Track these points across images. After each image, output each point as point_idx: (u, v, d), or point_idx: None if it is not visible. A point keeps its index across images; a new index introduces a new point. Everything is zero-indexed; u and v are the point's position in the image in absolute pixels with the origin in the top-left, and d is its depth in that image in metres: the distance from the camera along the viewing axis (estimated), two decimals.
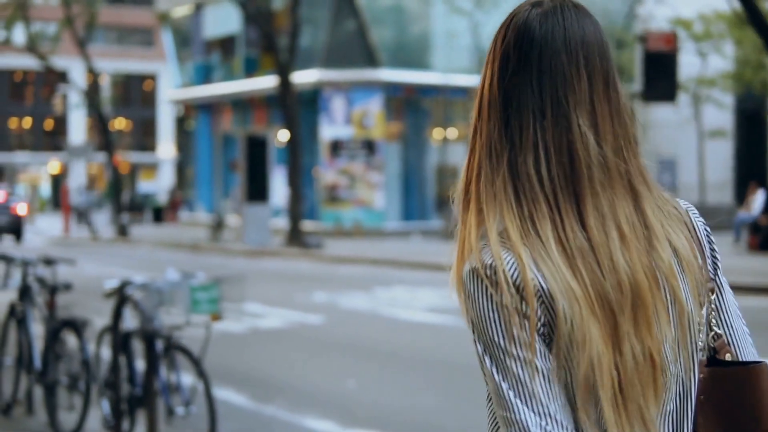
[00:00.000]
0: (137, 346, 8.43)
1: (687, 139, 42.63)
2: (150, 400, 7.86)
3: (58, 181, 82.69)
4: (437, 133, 43.85)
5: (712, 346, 2.09)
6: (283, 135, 40.80)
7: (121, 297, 8.14)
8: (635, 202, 1.98)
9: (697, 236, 2.08)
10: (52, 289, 9.19)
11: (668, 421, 2.00)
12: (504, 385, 1.90)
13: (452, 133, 43.61)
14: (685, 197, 2.86)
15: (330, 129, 41.10)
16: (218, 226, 38.93)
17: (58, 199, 73.67)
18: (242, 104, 46.96)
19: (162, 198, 66.56)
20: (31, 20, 44.62)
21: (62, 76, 49.06)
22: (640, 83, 24.78)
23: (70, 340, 9.20)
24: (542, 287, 1.89)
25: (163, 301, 7.89)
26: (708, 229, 2.14)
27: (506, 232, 1.94)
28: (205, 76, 50.20)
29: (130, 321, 8.52)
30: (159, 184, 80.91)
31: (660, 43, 25.05)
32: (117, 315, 8.25)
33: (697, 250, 2.05)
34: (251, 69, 46.19)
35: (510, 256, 1.91)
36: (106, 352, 9.12)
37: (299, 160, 34.32)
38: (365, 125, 40.82)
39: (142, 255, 33.99)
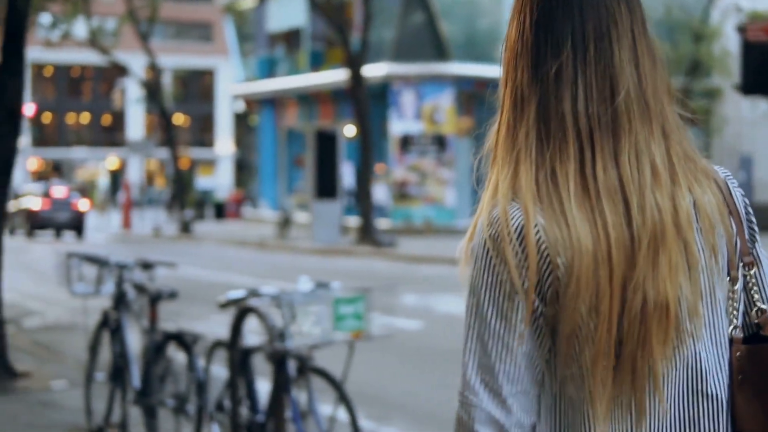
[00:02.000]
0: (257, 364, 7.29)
1: (764, 135, 41.23)
2: (279, 430, 6.67)
3: (116, 177, 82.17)
4: None
5: (755, 321, 2.03)
6: (350, 130, 39.81)
7: (242, 309, 6.98)
8: (666, 146, 1.95)
9: (735, 205, 2.03)
10: (155, 297, 8.03)
11: (684, 380, 1.94)
12: (469, 351, 1.92)
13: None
14: (761, 196, 2.50)
15: (399, 124, 39.98)
16: (285, 223, 37.93)
17: (116, 194, 72.93)
18: (308, 99, 45.89)
19: (221, 194, 65.76)
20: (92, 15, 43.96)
21: (122, 71, 48.27)
22: (740, 76, 23.37)
23: (174, 354, 8.05)
24: (547, 241, 1.88)
25: (295, 315, 6.71)
26: (747, 200, 2.07)
27: (519, 184, 1.92)
28: (269, 70, 49.27)
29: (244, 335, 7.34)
30: (217, 181, 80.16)
31: (760, 34, 23.65)
32: (236, 329, 7.09)
33: (732, 217, 2.01)
34: (317, 63, 45.20)
35: (518, 210, 1.90)
36: (215, 370, 7.95)
37: (370, 155, 33.26)
38: (436, 120, 39.66)
39: (209, 253, 33.14)
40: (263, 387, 7.44)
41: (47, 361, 12.76)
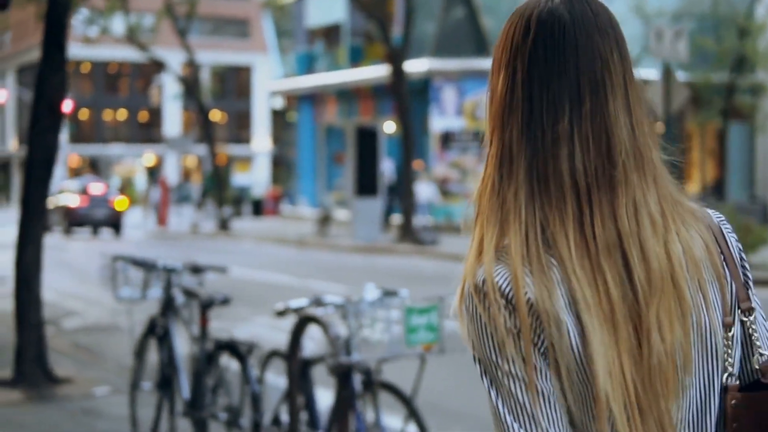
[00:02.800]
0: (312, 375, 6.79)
1: None
2: None
3: (153, 174, 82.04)
4: None
5: (756, 368, 1.99)
6: (389, 126, 39.34)
7: (303, 318, 6.48)
8: (657, 192, 1.92)
9: (729, 250, 2.00)
10: (206, 304, 7.55)
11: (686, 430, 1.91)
12: (500, 407, 1.86)
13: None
14: None
15: (440, 120, 39.46)
16: (325, 220, 37.47)
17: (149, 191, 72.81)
18: (347, 95, 45.41)
19: (258, 191, 65.44)
20: (130, 11, 43.76)
21: (159, 68, 48.00)
22: None
23: (225, 362, 7.57)
24: (537, 303, 1.83)
25: (361, 325, 6.20)
26: (740, 246, 2.05)
27: (508, 245, 1.88)
28: (307, 66, 48.83)
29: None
30: (254, 177, 79.85)
31: None
32: (296, 339, 6.59)
33: (726, 262, 1.98)
34: (356, 58, 44.74)
35: (505, 272, 1.86)
36: (270, 380, 7.47)
37: (412, 152, 32.75)
38: (477, 116, 39.09)
39: (248, 250, 32.74)
40: (323, 399, 6.96)
41: (88, 365, 12.33)
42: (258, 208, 57.34)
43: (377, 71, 39.45)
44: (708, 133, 43.91)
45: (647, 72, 37.78)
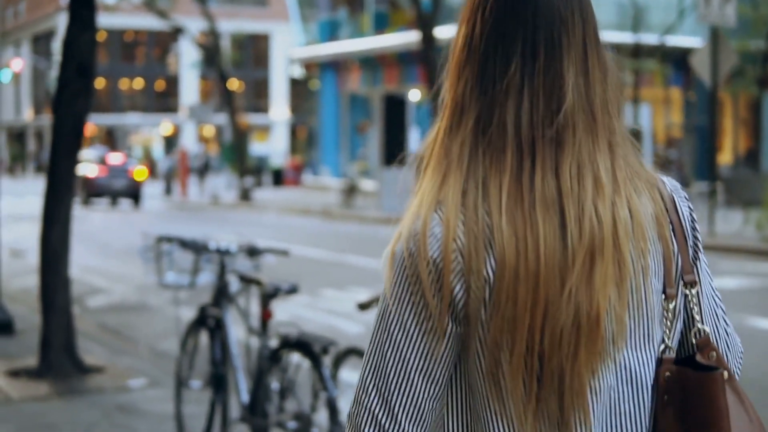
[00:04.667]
0: None
1: None
2: None
3: (171, 143, 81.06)
4: None
5: (693, 342, 2.01)
6: (415, 94, 38.30)
7: None
8: (611, 158, 1.93)
9: (679, 219, 2.02)
10: (270, 293, 6.48)
11: (606, 399, 1.91)
12: (372, 351, 1.91)
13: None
14: None
15: None
16: (350, 191, 36.40)
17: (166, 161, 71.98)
18: (372, 62, 44.23)
19: (276, 160, 64.43)
20: None
21: (176, 36, 46.97)
22: None
23: (293, 360, 6.51)
24: (463, 257, 1.85)
25: None
26: (694, 216, 2.06)
27: (445, 196, 1.90)
28: (330, 33, 47.70)
29: None
30: (272, 147, 78.84)
31: None
32: None
33: (674, 232, 2.00)
34: (381, 25, 43.61)
35: (439, 225, 1.88)
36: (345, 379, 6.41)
37: None
38: None
39: (271, 222, 31.79)
40: None
41: (119, 351, 11.29)
42: (278, 178, 56.38)
43: (403, 38, 38.46)
44: (742, 102, 42.84)
45: (684, 40, 36.65)
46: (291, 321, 10.89)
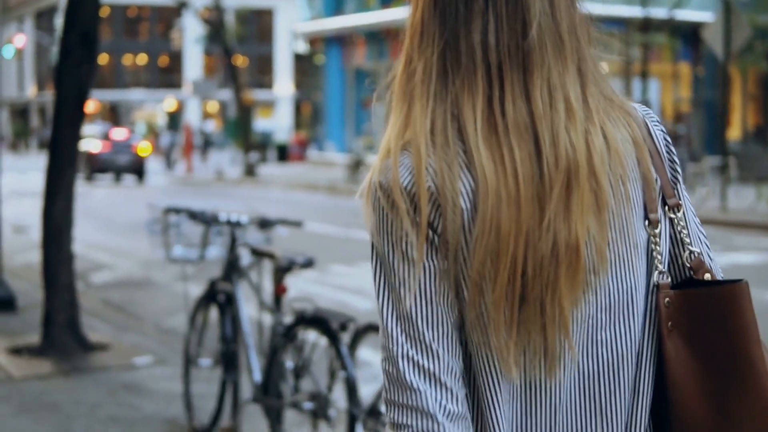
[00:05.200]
0: None
1: None
2: None
3: (174, 119, 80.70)
4: None
5: (687, 265, 1.98)
6: None
7: None
8: (582, 84, 1.88)
9: (654, 144, 1.98)
10: (284, 267, 6.15)
11: (585, 328, 1.87)
12: (385, 301, 1.85)
13: (603, 67, 40.24)
14: None
15: None
16: (356, 166, 36.10)
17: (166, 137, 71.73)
18: (378, 37, 43.86)
19: (281, 136, 64.10)
20: None
21: (178, 11, 46.61)
22: None
23: (307, 338, 6.17)
24: (438, 190, 1.81)
25: None
26: (669, 139, 2.02)
27: (413, 125, 1.85)
28: (335, 7, 47.34)
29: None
30: (276, 122, 78.48)
31: None
32: None
33: (651, 157, 1.95)
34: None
35: (409, 164, 1.83)
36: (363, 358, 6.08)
37: None
38: None
39: (276, 197, 31.46)
40: None
41: (124, 328, 10.97)
42: (283, 154, 56.07)
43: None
44: (751, 77, 42.49)
45: (693, 14, 36.27)
46: (302, 297, 10.58)
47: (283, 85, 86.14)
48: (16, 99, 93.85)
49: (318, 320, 5.80)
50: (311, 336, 6.03)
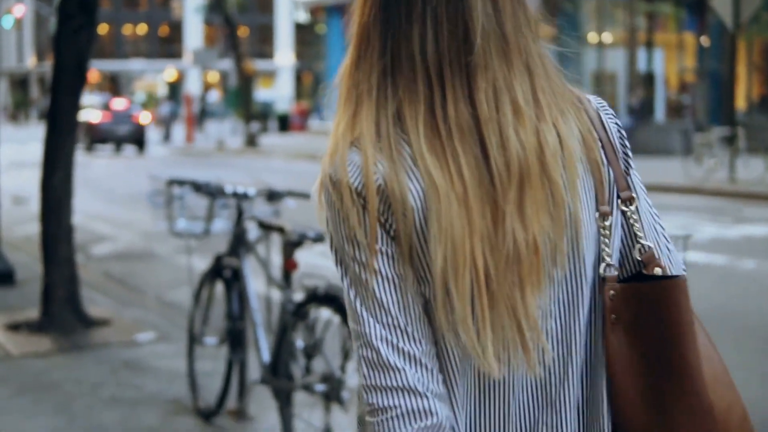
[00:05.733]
0: None
1: None
2: None
3: (175, 89, 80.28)
4: (592, 38, 40.11)
5: (638, 259, 1.98)
6: None
7: None
8: (531, 82, 1.88)
9: (607, 136, 1.98)
10: (294, 241, 5.84)
11: (550, 325, 1.89)
12: (352, 294, 1.85)
13: (608, 37, 39.95)
14: None
15: None
16: None
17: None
18: None
19: (282, 106, 63.75)
20: None
21: None
22: None
23: (320, 317, 5.87)
24: (387, 187, 1.82)
25: None
26: (622, 131, 2.03)
27: (359, 127, 1.87)
28: None
29: None
30: (277, 92, 78.09)
31: None
32: None
33: (604, 150, 1.96)
34: None
35: (358, 160, 1.84)
36: None
37: None
38: None
39: (278, 167, 31.20)
40: None
41: (125, 302, 10.68)
42: (284, 124, 55.77)
43: None
44: (756, 48, 42.12)
45: None
46: (310, 272, 10.29)
47: (284, 54, 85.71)
48: (15, 69, 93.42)
49: (331, 298, 5.50)
50: (324, 314, 5.73)
